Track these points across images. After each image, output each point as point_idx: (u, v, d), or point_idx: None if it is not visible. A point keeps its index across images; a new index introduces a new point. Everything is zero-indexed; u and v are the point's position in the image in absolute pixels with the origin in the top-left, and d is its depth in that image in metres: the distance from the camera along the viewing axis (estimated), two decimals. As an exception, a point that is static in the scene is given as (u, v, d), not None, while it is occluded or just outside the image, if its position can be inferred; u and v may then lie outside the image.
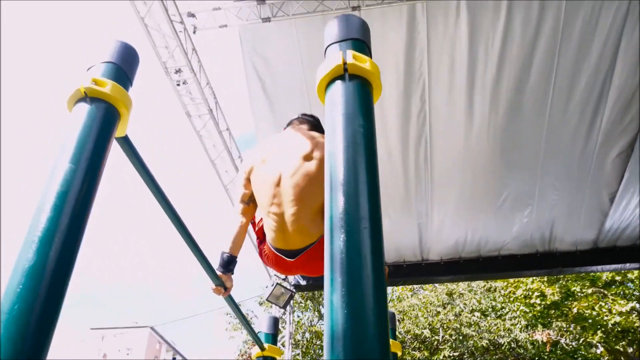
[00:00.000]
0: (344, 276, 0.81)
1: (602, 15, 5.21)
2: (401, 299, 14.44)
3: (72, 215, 0.99)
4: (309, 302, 13.56)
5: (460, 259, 7.91)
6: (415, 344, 13.57)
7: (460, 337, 13.15)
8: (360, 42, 1.15)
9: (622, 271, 11.80)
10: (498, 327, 13.12)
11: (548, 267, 7.86)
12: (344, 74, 1.07)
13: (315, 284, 8.45)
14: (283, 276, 8.09)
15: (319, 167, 2.15)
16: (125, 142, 1.31)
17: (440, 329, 13.48)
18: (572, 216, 7.22)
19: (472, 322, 13.27)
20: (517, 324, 13.07)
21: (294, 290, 8.21)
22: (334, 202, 0.90)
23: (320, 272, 2.19)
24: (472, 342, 13.11)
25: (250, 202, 2.36)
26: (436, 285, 13.97)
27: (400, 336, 13.29)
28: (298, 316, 13.43)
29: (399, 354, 3.16)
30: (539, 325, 13.23)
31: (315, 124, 2.55)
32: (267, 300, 7.81)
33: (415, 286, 14.32)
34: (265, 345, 3.03)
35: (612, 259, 7.75)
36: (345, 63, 1.06)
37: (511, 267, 7.86)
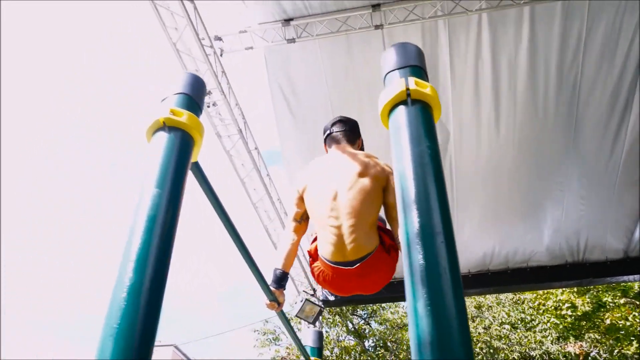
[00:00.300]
0: (425, 287, 0.88)
1: (625, 21, 5.25)
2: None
3: (162, 235, 1.08)
4: (337, 317, 13.57)
5: (489, 271, 7.87)
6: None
7: (491, 351, 12.99)
8: (419, 68, 1.23)
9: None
10: (529, 340, 12.95)
11: (578, 278, 7.79)
12: (406, 99, 1.14)
13: (342, 300, 8.47)
14: (312, 292, 8.12)
15: (373, 184, 2.25)
16: (196, 167, 1.41)
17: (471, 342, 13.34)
18: (601, 226, 7.17)
19: (502, 335, 13.12)
20: (548, 335, 12.88)
21: (322, 305, 8.20)
22: (409, 219, 0.97)
23: (379, 284, 2.26)
24: (503, 355, 12.95)
25: (302, 220, 2.45)
26: (465, 298, 13.79)
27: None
28: (326, 331, 13.43)
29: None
30: (571, 337, 13.02)
31: (352, 129, 2.65)
32: (296, 316, 7.77)
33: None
34: (312, 358, 3.09)
35: (643, 268, 7.65)
36: (408, 89, 1.14)
37: (540, 278, 7.81)
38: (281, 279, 2.33)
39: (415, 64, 1.23)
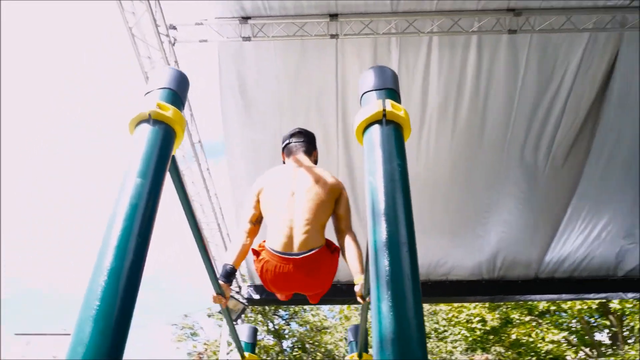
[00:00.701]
0: (390, 291, 0.99)
1: (560, 57, 5.67)
2: (349, 317, 14.68)
3: (142, 223, 1.13)
4: (259, 316, 13.60)
5: (429, 281, 8.16)
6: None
7: (404, 358, 13.37)
8: (394, 92, 1.35)
9: (558, 301, 12.45)
10: (440, 349, 13.53)
11: (491, 294, 8.27)
12: (382, 119, 1.26)
13: (267, 299, 8.51)
14: (237, 289, 8.14)
15: (327, 194, 2.40)
16: (172, 159, 1.46)
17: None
18: (518, 248, 7.65)
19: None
20: (458, 346, 13.52)
21: (246, 303, 8.28)
22: (378, 229, 1.08)
23: (320, 284, 2.38)
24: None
25: (256, 223, 2.55)
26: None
27: (347, 354, 13.48)
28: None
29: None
30: (479, 349, 13.75)
31: (310, 142, 2.79)
32: (219, 312, 7.84)
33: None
34: (246, 354, 3.15)
35: (549, 290, 8.23)
36: (384, 110, 1.26)
37: (458, 292, 8.20)
38: (230, 274, 2.42)
39: (392, 87, 1.35)
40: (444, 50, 5.63)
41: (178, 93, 1.36)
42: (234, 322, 8.29)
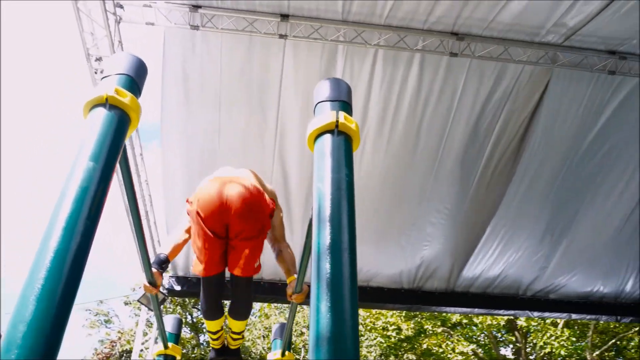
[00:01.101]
0: (329, 292, 1.06)
1: (497, 87, 5.99)
2: (268, 315, 14.70)
3: (91, 206, 1.14)
4: (178, 307, 13.36)
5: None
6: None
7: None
8: (348, 104, 1.42)
9: (470, 315, 13.07)
10: (355, 354, 13.77)
11: (409, 303, 8.58)
12: (334, 129, 1.33)
13: (187, 291, 8.41)
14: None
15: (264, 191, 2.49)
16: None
17: (302, 349, 13.92)
18: (438, 261, 7.99)
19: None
20: (373, 352, 13.86)
21: (166, 294, 8.15)
22: (322, 233, 1.15)
23: (255, 223, 2.44)
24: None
25: None
26: (304, 307, 14.46)
27: (264, 352, 13.50)
28: (165, 321, 13.11)
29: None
30: (392, 356, 14.17)
31: None
32: (138, 300, 7.68)
33: (283, 305, 14.67)
34: (169, 344, 3.13)
35: (464, 303, 8.64)
36: (337, 121, 1.32)
37: (378, 298, 8.43)
38: (163, 262, 2.43)
39: (346, 100, 1.42)
40: (388, 64, 5.80)
41: (136, 80, 1.37)
42: (152, 311, 8.13)
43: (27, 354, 0.90)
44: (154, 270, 2.36)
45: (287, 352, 3.33)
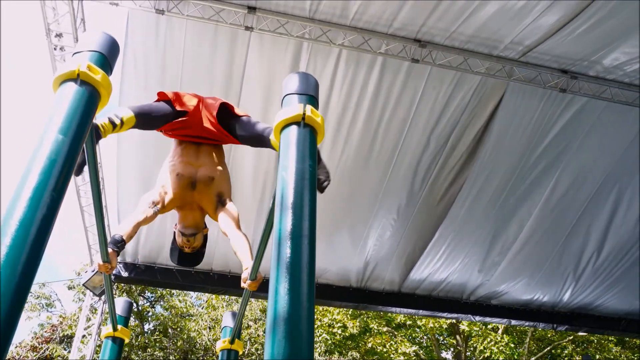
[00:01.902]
0: (288, 276, 1.11)
1: (454, 94, 6.17)
2: (215, 307, 14.61)
3: (58, 178, 1.15)
4: (124, 294, 13.10)
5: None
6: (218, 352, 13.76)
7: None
8: (314, 99, 1.47)
9: (414, 316, 13.37)
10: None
11: (356, 302, 8.70)
12: (300, 121, 1.38)
13: (134, 278, 8.29)
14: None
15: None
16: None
17: (248, 342, 13.90)
18: (387, 262, 8.15)
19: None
20: (318, 348, 13.97)
21: (113, 280, 7.99)
22: (284, 220, 1.20)
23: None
24: (276, 359, 13.65)
25: (156, 209, 2.59)
26: (252, 300, 14.41)
27: (209, 343, 13.41)
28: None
29: (240, 352, 3.46)
30: (336, 353, 14.34)
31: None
32: (83, 285, 7.53)
33: (231, 298, 14.60)
34: (119, 326, 3.11)
35: (410, 304, 8.84)
36: (304, 114, 1.38)
37: (325, 295, 8.51)
38: (119, 242, 2.42)
39: (313, 95, 1.48)
40: (350, 65, 5.89)
41: (108, 58, 1.38)
42: (99, 298, 7.97)
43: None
44: (109, 250, 2.36)
45: (236, 340, 3.36)
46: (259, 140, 2.72)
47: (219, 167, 2.91)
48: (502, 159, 6.89)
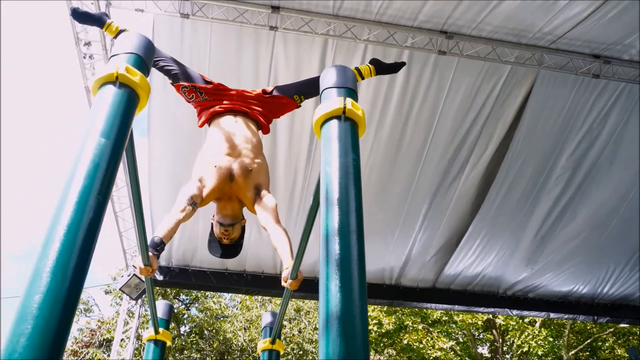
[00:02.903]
0: (339, 272, 1.08)
1: (483, 85, 6.06)
2: (250, 307, 14.69)
3: (102, 181, 1.14)
4: (159, 297, 13.28)
5: (315, 279, 8.35)
6: (257, 352, 13.83)
7: (301, 352, 13.72)
8: (354, 92, 1.44)
9: (450, 312, 13.23)
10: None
11: (391, 298, 8.63)
12: (341, 115, 1.35)
13: (170, 282, 8.39)
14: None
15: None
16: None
17: (284, 342, 13.96)
18: (421, 258, 8.06)
19: (314, 340, 13.93)
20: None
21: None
22: (330, 216, 1.17)
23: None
24: (311, 357, 13.75)
25: (194, 204, 2.56)
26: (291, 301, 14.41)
27: (245, 344, 13.50)
28: (146, 310, 13.08)
29: (281, 352, 3.46)
30: (372, 351, 14.27)
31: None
32: (120, 289, 7.63)
33: (264, 298, 14.67)
34: (160, 329, 3.13)
35: (445, 300, 8.74)
36: (345, 107, 1.35)
37: (360, 293, 8.45)
38: (158, 245, 2.41)
39: (352, 88, 1.45)
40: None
41: (145, 60, 1.37)
42: (135, 302, 8.08)
43: (42, 324, 0.91)
44: (150, 253, 2.36)
45: (277, 340, 3.35)
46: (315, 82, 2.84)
47: (257, 159, 2.86)
48: (535, 149, 6.74)
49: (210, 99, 3.02)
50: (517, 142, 6.63)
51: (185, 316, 14.88)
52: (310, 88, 3.12)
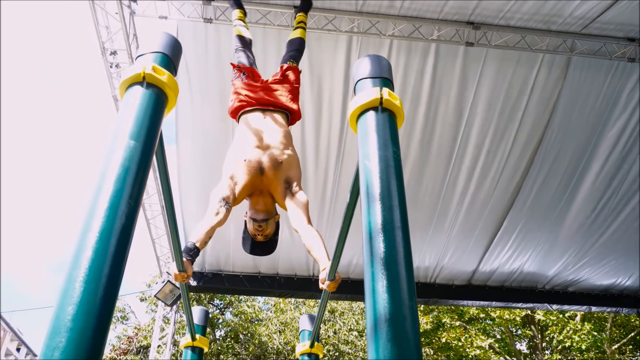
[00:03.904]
0: (386, 272, 1.01)
1: (517, 74, 5.90)
2: (284, 310, 14.69)
3: (133, 185, 1.09)
4: (194, 303, 13.40)
5: (349, 279, 8.29)
6: (293, 355, 13.89)
7: (337, 354, 13.65)
8: (389, 81, 1.36)
9: (487, 309, 12.98)
10: (372, 347, 13.72)
11: (427, 297, 8.49)
12: (378, 106, 1.28)
13: (204, 287, 8.43)
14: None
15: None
16: (157, 127, 1.42)
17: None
18: (455, 255, 7.91)
19: (349, 341, 13.86)
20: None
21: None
22: (373, 212, 1.10)
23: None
24: (347, 358, 13.68)
25: (228, 205, 2.51)
26: (319, 300, 14.30)
27: (280, 347, 13.49)
28: (181, 316, 13.25)
29: (320, 355, 3.40)
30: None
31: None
32: (155, 296, 7.68)
33: (298, 300, 14.66)
34: (197, 336, 3.10)
35: (481, 296, 8.56)
36: (382, 98, 1.27)
37: (394, 292, 8.35)
38: (192, 250, 2.36)
39: (387, 77, 1.37)
40: (403, 55, 5.74)
41: (172, 59, 1.33)
42: (170, 308, 8.14)
43: (77, 336, 0.86)
44: (184, 259, 2.31)
45: (316, 343, 3.29)
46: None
47: (287, 150, 2.80)
48: (570, 139, 6.54)
49: (247, 75, 3.22)
50: (552, 132, 6.44)
51: (220, 321, 14.96)
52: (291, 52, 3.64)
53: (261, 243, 2.76)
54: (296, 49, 3.77)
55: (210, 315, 14.97)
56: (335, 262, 2.05)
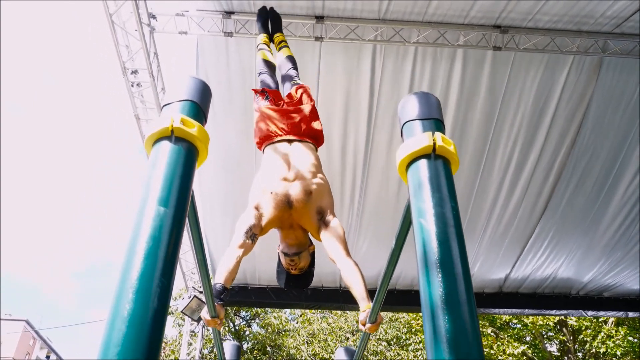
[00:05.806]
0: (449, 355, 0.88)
1: (545, 76, 5.70)
2: (311, 321, 14.55)
3: (165, 258, 0.98)
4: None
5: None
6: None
7: (366, 365, 13.52)
8: (441, 123, 1.23)
9: (519, 316, 12.70)
10: (402, 357, 13.55)
11: (456, 306, 8.29)
12: (431, 153, 1.14)
13: (231, 300, 8.35)
14: (201, 289, 7.93)
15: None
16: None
17: None
18: (486, 262, 7.71)
19: (379, 351, 13.66)
20: (420, 355, 13.60)
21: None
22: (433, 284, 0.97)
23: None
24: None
25: (253, 238, 2.36)
26: (347, 311, 14.23)
27: (308, 358, 13.36)
28: (208, 330, 13.21)
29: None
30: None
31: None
32: (181, 312, 7.61)
33: (325, 310, 14.52)
34: (229, 374, 3.01)
35: (513, 304, 8.35)
36: (435, 144, 1.14)
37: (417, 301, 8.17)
38: (222, 293, 2.23)
39: (439, 118, 1.24)
40: (428, 62, 5.58)
41: (201, 107, 1.21)
42: (197, 323, 8.08)
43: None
44: (216, 304, 2.19)
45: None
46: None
47: (316, 179, 2.59)
48: (603, 142, 6.32)
49: (270, 99, 3.08)
50: (584, 135, 6.23)
51: (247, 333, 14.88)
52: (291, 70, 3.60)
53: (296, 276, 2.60)
54: (293, 67, 3.64)
55: (237, 328, 15.00)
56: (377, 306, 1.91)
